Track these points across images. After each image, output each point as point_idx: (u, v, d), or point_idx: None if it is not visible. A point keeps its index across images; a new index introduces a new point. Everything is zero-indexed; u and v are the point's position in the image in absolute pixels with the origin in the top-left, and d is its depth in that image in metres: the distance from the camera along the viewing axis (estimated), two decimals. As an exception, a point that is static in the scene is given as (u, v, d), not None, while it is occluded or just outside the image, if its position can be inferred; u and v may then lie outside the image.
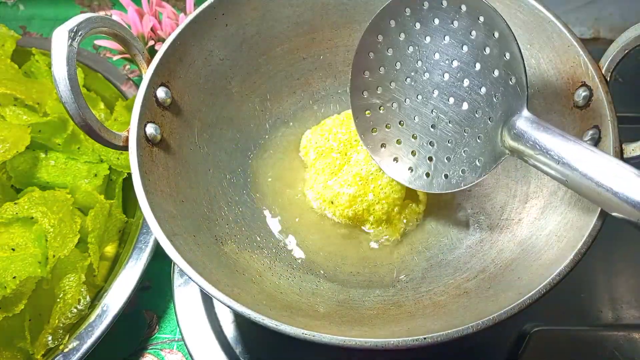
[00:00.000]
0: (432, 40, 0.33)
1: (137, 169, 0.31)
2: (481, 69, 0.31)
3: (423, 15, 0.32)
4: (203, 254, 0.32)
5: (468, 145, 0.34)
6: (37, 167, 0.45)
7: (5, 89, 0.44)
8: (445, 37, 0.32)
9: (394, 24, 0.34)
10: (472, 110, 0.33)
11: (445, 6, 0.31)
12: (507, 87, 0.30)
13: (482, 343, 0.40)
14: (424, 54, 0.34)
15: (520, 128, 0.29)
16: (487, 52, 0.30)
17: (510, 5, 0.36)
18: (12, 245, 0.39)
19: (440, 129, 0.35)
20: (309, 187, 0.41)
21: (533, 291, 0.27)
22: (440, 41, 0.32)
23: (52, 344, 0.38)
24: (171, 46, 0.35)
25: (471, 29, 0.31)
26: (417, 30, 0.33)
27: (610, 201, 0.25)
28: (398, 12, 0.33)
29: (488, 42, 0.30)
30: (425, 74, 0.34)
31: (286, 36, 0.42)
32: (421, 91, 0.35)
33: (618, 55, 0.31)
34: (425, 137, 0.36)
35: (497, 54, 0.30)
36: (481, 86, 0.32)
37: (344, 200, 0.38)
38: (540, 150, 0.28)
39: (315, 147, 0.41)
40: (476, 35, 0.31)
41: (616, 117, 0.31)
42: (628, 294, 0.42)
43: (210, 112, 0.39)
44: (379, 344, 0.26)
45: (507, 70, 0.30)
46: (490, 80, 0.31)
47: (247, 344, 0.40)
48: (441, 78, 0.33)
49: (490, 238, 0.37)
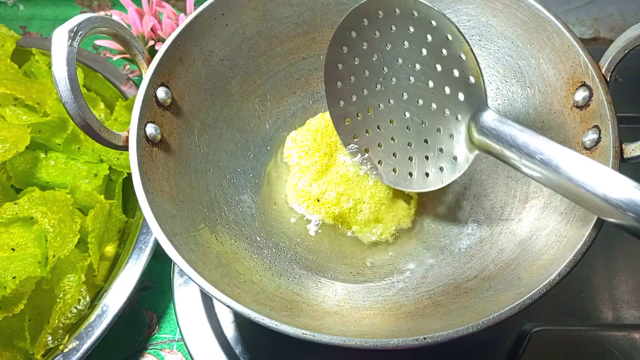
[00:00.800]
0: (394, 47, 0.34)
1: (137, 169, 0.31)
2: (442, 70, 0.32)
3: (380, 23, 0.33)
4: (203, 254, 0.32)
5: (443, 143, 0.35)
6: (37, 167, 0.45)
7: (5, 89, 0.44)
8: (404, 43, 0.33)
9: (355, 34, 0.35)
10: (441, 109, 0.34)
11: (399, 14, 0.32)
12: (467, 86, 0.31)
13: (482, 343, 0.40)
14: (388, 60, 0.35)
15: (484, 124, 0.31)
16: (445, 53, 0.31)
17: (510, 5, 0.36)
18: (12, 245, 0.39)
19: (415, 130, 0.36)
20: (292, 186, 0.41)
21: (533, 291, 0.27)
22: (401, 46, 0.34)
23: (52, 344, 0.38)
24: (171, 46, 0.35)
25: (426, 33, 0.32)
26: (377, 39, 0.34)
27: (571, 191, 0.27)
28: (357, 23, 0.34)
29: (443, 44, 0.31)
30: (392, 79, 0.35)
31: (286, 36, 0.42)
32: (392, 95, 0.36)
33: (618, 55, 0.31)
34: (403, 138, 0.37)
35: (454, 55, 0.31)
36: (444, 86, 0.33)
37: (332, 197, 0.39)
38: (504, 144, 0.29)
39: (301, 146, 0.41)
40: (432, 38, 0.32)
41: (616, 117, 0.31)
42: (628, 294, 0.42)
43: (210, 112, 0.39)
44: (379, 344, 0.26)
45: (464, 70, 0.31)
46: (451, 80, 0.32)
47: (247, 344, 0.40)
48: (408, 81, 0.35)
49: (490, 238, 0.37)
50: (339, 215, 0.39)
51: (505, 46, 0.38)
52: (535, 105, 0.37)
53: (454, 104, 0.33)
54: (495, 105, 0.40)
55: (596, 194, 0.25)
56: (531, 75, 0.37)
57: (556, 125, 0.35)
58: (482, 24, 0.38)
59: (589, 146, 0.32)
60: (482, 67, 0.40)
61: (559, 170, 0.27)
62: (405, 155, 0.37)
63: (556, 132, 0.35)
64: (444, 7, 0.39)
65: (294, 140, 0.42)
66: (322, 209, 0.39)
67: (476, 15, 0.38)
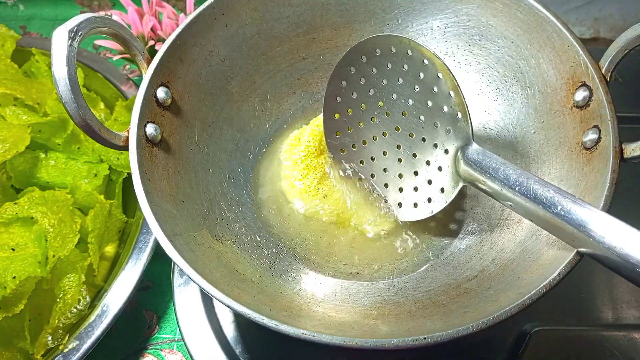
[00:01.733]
0: (389, 83, 0.36)
1: (137, 169, 0.31)
2: (433, 105, 0.35)
3: (377, 61, 0.36)
4: (203, 254, 0.32)
5: (431, 175, 0.37)
6: (37, 167, 0.45)
7: (5, 89, 0.44)
8: (399, 79, 0.35)
9: (354, 70, 0.37)
10: (430, 142, 0.36)
11: (394, 52, 0.34)
12: (455, 121, 0.34)
13: (482, 343, 0.40)
14: (384, 95, 0.37)
15: (469, 157, 0.33)
16: (435, 90, 0.34)
17: (510, 5, 0.36)
18: (12, 245, 0.39)
19: (406, 161, 0.38)
20: (293, 186, 0.41)
21: (533, 291, 0.27)
22: (396, 83, 0.36)
23: (52, 344, 0.38)
24: (171, 46, 0.35)
25: (419, 71, 0.34)
26: (374, 75, 0.36)
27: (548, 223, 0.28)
28: (356, 59, 0.36)
29: (434, 81, 0.34)
30: (387, 113, 0.37)
31: (286, 36, 0.42)
32: (386, 128, 0.38)
33: (618, 55, 0.31)
34: (395, 169, 0.39)
35: (443, 93, 0.33)
36: (435, 121, 0.35)
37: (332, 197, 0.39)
38: (487, 175, 0.31)
39: (307, 146, 0.41)
40: (424, 76, 0.34)
41: (616, 117, 0.31)
42: (628, 294, 0.42)
43: (210, 112, 0.39)
44: (379, 344, 0.26)
45: (453, 107, 0.33)
46: (441, 115, 0.34)
47: (247, 344, 0.40)
48: (401, 115, 0.37)
49: (490, 238, 0.37)
50: (340, 215, 0.39)
51: (505, 46, 0.38)
52: (535, 105, 0.37)
53: (442, 138, 0.35)
54: (495, 106, 0.40)
55: (572, 225, 0.26)
56: (531, 75, 0.37)
57: (556, 125, 0.35)
58: (482, 24, 0.39)
59: (589, 146, 0.32)
60: (482, 67, 0.40)
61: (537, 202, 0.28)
62: (396, 186, 0.39)
63: (556, 132, 0.35)
64: (444, 7, 0.40)
65: (296, 139, 0.42)
66: (322, 209, 0.39)
67: (476, 15, 0.39)
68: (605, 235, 0.25)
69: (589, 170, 0.32)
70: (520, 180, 0.29)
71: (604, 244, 0.25)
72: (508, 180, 0.30)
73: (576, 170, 0.33)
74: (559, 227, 0.27)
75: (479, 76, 0.40)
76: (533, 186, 0.28)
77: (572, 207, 0.27)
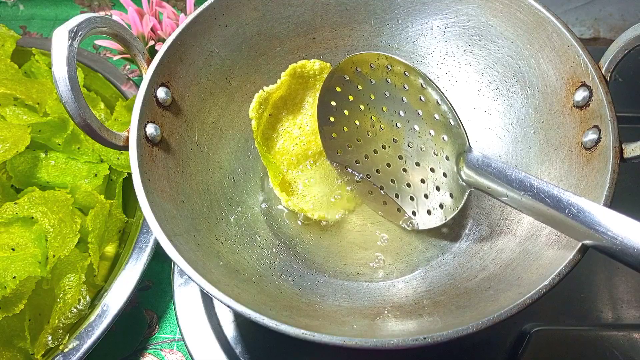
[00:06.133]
0: (377, 97, 0.36)
1: (137, 169, 0.31)
2: (424, 114, 0.34)
3: (359, 79, 0.36)
4: (203, 254, 0.32)
5: (438, 182, 0.36)
6: (37, 167, 0.45)
7: (5, 89, 0.44)
8: (385, 92, 0.36)
9: (340, 89, 0.37)
10: (430, 150, 0.36)
11: (375, 67, 0.34)
12: (449, 128, 0.33)
13: (482, 343, 0.40)
14: (374, 109, 0.37)
15: (471, 163, 0.32)
16: (423, 99, 0.33)
17: (510, 5, 0.36)
18: (12, 245, 0.39)
19: (410, 171, 0.38)
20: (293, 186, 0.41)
21: (533, 291, 0.27)
22: (383, 96, 0.36)
23: (52, 344, 0.38)
24: (171, 46, 0.35)
25: (403, 82, 0.34)
26: (360, 91, 0.37)
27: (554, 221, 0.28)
28: (340, 79, 0.37)
29: (419, 91, 0.33)
30: (381, 126, 0.38)
31: (286, 36, 0.42)
32: (384, 141, 0.38)
33: (618, 55, 0.31)
34: (402, 180, 0.39)
35: (430, 101, 0.33)
36: (429, 129, 0.35)
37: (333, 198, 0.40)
38: (492, 180, 0.31)
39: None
40: (409, 87, 0.34)
41: (616, 117, 0.31)
42: (628, 294, 0.42)
43: (210, 112, 0.39)
44: (379, 344, 0.26)
45: (443, 114, 0.33)
46: (434, 123, 0.34)
47: (247, 344, 0.40)
48: (396, 127, 0.37)
49: (490, 238, 0.37)
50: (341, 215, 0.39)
51: (505, 46, 0.38)
52: (535, 105, 0.37)
53: (440, 145, 0.35)
54: (495, 106, 0.40)
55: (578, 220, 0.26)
56: (531, 75, 0.37)
57: (556, 125, 0.35)
58: (482, 24, 0.39)
59: (588, 146, 0.32)
60: (482, 67, 0.40)
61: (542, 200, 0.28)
62: (406, 195, 0.39)
63: (556, 132, 0.35)
64: (444, 7, 0.40)
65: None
66: (322, 209, 0.39)
67: (476, 15, 0.39)
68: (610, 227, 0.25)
69: (589, 170, 0.32)
70: (523, 183, 0.29)
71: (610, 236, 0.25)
72: (511, 183, 0.29)
73: (576, 170, 0.33)
74: (563, 222, 0.27)
75: (479, 76, 0.40)
76: (537, 187, 0.28)
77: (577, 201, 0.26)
